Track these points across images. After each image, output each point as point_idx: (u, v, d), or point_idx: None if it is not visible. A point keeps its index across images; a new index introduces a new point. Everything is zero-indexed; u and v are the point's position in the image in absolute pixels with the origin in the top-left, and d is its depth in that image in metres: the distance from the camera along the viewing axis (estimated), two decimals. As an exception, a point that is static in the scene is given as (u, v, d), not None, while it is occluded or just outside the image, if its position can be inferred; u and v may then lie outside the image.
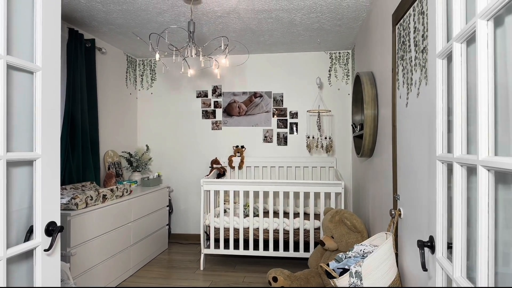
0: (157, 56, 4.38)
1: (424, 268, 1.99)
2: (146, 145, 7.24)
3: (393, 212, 3.16)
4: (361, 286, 2.96)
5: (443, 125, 1.81)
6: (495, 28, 1.37)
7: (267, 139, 6.96)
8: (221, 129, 7.15)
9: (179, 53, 4.40)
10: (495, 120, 1.38)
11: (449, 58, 1.70)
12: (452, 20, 1.67)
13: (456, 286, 1.60)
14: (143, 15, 4.94)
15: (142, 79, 7.41)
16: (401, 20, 3.10)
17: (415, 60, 2.74)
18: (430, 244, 1.98)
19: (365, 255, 3.31)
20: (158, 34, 4.57)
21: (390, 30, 3.54)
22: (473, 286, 1.46)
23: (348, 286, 3.01)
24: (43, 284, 2.07)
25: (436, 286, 1.89)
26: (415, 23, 2.73)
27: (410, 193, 2.89)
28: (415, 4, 2.72)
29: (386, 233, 3.40)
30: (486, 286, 1.37)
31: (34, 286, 2.05)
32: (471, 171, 1.55)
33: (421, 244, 2.00)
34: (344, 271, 3.23)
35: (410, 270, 2.98)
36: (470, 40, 1.51)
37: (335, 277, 3.19)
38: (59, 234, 2.16)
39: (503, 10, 1.27)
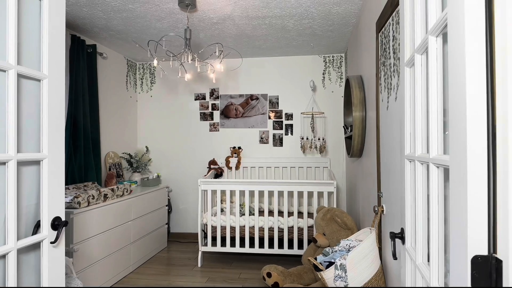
0: (155, 62, 4.57)
1: (395, 257, 2.19)
2: (146, 147, 7.43)
3: (376, 209, 3.35)
4: (345, 277, 3.15)
5: (411, 126, 2.00)
6: (445, 43, 1.56)
7: (263, 140, 7.14)
8: (218, 130, 7.33)
9: (176, 59, 4.57)
10: (444, 122, 1.57)
11: (415, 67, 1.88)
12: (414, 33, 1.86)
13: None
14: (142, 22, 5.14)
15: (142, 82, 7.59)
16: (383, 28, 3.29)
17: (393, 66, 2.93)
18: (400, 236, 2.17)
19: (350, 249, 3.50)
20: (156, 41, 4.76)
21: (374, 37, 3.73)
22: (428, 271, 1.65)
23: (333, 277, 3.21)
24: (50, 274, 2.26)
25: (406, 272, 2.08)
26: (393, 32, 2.92)
27: (390, 190, 3.07)
28: (394, 14, 2.90)
29: (370, 229, 3.59)
30: (437, 270, 1.56)
31: (42, 275, 2.24)
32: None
33: (393, 236, 2.19)
34: (331, 264, 3.42)
35: (391, 261, 3.17)
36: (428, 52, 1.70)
37: (321, 270, 3.38)
38: (64, 228, 2.35)
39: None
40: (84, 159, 5.61)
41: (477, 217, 1.11)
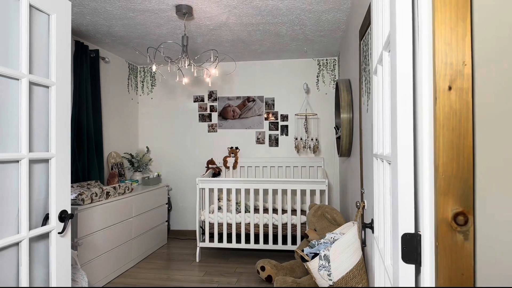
0: (154, 67, 4.84)
1: (364, 244, 2.44)
2: (147, 147, 7.66)
3: (358, 204, 3.59)
4: (328, 267, 3.41)
5: (377, 128, 2.25)
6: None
7: (259, 140, 7.39)
8: (216, 131, 7.58)
9: (174, 64, 4.83)
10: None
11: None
12: (377, 46, 2.12)
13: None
14: (142, 28, 5.39)
15: (143, 85, 7.84)
16: (364, 37, 3.53)
17: (371, 72, 3.18)
18: (370, 226, 2.42)
19: (334, 241, 3.75)
20: (155, 48, 5.00)
21: (358, 44, 3.98)
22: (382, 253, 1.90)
23: (317, 267, 3.47)
24: (57, 261, 2.52)
25: (374, 258, 2.33)
26: (371, 41, 3.16)
27: (368, 187, 3.32)
28: (371, 25, 3.15)
29: (353, 222, 3.85)
30: (390, 251, 1.82)
31: (50, 262, 2.51)
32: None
33: (364, 226, 2.44)
34: (316, 255, 3.67)
35: (370, 251, 3.43)
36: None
37: (307, 261, 3.63)
38: (70, 220, 2.61)
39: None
40: (88, 159, 5.86)
41: (406, 202, 1.36)
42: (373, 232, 2.38)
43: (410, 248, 1.36)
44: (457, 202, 1.25)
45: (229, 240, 6.10)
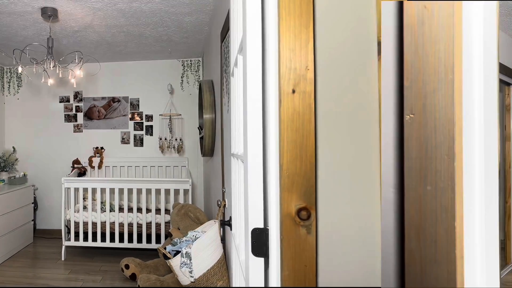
0: (20, 69, 4.76)
1: (223, 241, 2.53)
2: (13, 147, 7.35)
3: (219, 203, 3.68)
4: (190, 264, 3.47)
5: (236, 127, 2.33)
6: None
7: (124, 140, 7.30)
8: (82, 131, 7.40)
9: (40, 64, 4.75)
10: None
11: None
12: (234, 49, 2.20)
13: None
14: (8, 30, 5.26)
15: (9, 85, 7.55)
16: (225, 39, 3.63)
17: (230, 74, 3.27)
18: (229, 223, 2.51)
19: (196, 239, 3.82)
20: (20, 50, 4.90)
21: (219, 45, 4.07)
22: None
23: (179, 264, 3.51)
24: None
25: (232, 253, 2.42)
26: (230, 44, 3.26)
27: (229, 186, 3.42)
28: (230, 28, 3.24)
29: (215, 221, 3.93)
30: (244, 247, 1.90)
31: None
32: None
33: (222, 223, 2.53)
34: (178, 253, 3.72)
35: (228, 248, 3.53)
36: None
37: (170, 258, 3.67)
38: None
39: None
40: (-47, 159, 5.61)
41: (255, 198, 1.45)
42: (231, 229, 2.47)
43: (259, 242, 1.44)
44: (301, 198, 1.34)
45: (94, 239, 6.00)
